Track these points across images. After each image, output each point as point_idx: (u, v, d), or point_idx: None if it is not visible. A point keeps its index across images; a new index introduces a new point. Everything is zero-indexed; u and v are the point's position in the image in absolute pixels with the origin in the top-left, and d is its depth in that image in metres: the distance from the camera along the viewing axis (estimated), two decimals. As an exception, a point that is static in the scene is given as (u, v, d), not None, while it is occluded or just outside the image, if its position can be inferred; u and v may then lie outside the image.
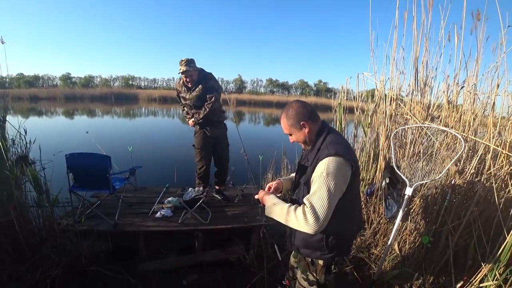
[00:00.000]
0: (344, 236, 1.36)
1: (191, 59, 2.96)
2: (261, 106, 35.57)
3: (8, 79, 5.81)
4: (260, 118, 20.72)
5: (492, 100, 2.21)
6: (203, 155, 3.19)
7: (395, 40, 2.73)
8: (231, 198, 3.36)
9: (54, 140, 7.47)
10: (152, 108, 26.96)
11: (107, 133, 10.37)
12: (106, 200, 2.91)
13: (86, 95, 38.22)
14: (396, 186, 2.38)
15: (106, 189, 2.63)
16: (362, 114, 3.11)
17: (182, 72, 2.93)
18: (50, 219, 2.43)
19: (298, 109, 1.31)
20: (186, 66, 2.90)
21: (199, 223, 2.69)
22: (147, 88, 77.93)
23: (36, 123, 12.44)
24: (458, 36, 2.39)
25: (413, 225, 2.49)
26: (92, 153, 2.59)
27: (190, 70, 2.93)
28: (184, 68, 2.90)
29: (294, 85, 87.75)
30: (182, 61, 2.92)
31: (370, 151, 2.98)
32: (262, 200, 1.37)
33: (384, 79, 2.89)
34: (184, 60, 2.92)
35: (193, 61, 2.97)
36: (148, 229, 2.59)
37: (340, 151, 1.18)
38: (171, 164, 4.46)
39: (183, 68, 2.90)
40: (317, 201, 1.11)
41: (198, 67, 3.03)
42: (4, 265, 2.07)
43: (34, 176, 2.40)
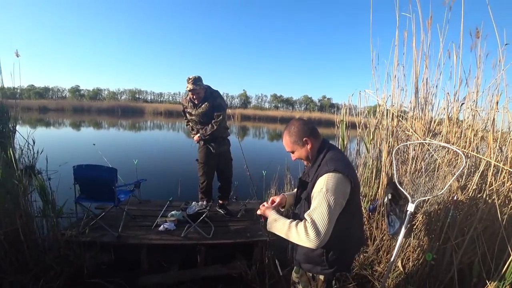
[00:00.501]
0: (345, 251, 1.37)
1: (198, 77, 3.04)
2: (265, 121, 35.81)
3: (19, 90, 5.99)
4: (264, 133, 20.83)
5: (492, 116, 2.23)
6: (205, 170, 3.23)
7: (396, 58, 2.80)
8: (234, 213, 3.38)
9: (60, 151, 7.60)
10: (157, 121, 27.30)
11: (113, 145, 10.50)
12: (111, 212, 2.94)
13: (94, 108, 38.98)
14: (399, 202, 2.38)
15: (111, 201, 2.67)
16: (365, 130, 3.15)
17: (189, 90, 3.01)
18: (55, 230, 2.46)
19: (300, 126, 1.36)
20: (193, 84, 2.98)
21: (202, 238, 2.70)
22: (153, 102, 79.12)
23: (44, 133, 12.67)
24: (456, 54, 2.45)
25: (416, 242, 2.47)
26: (99, 165, 2.65)
27: (197, 89, 3.01)
28: (191, 87, 2.98)
29: (298, 101, 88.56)
30: (190, 79, 3.00)
31: (373, 167, 2.99)
32: (264, 215, 1.40)
33: (386, 96, 2.95)
34: (191, 78, 2.99)
35: (200, 79, 3.05)
36: (151, 242, 2.61)
37: (339, 168, 1.22)
38: (175, 178, 4.50)
39: (190, 86, 2.98)
40: (317, 217, 1.14)
41: (205, 85, 3.11)
42: (6, 274, 2.09)
43: (41, 186, 2.46)
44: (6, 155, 2.66)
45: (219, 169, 3.34)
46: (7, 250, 2.14)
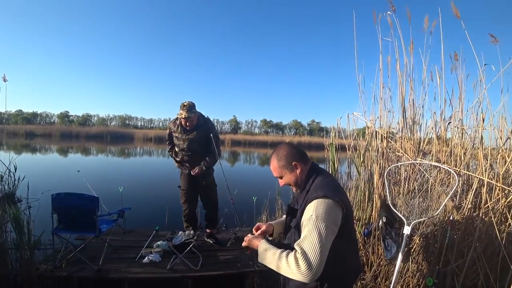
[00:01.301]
0: (342, 281, 1.26)
1: (193, 104, 3.01)
2: (255, 147, 35.93)
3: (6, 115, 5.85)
4: (255, 158, 20.78)
5: (480, 133, 2.25)
6: (187, 197, 3.14)
7: (381, 81, 2.87)
8: (224, 241, 3.22)
9: (45, 178, 7.32)
10: (147, 147, 26.97)
11: (99, 172, 10.19)
12: (91, 243, 2.75)
13: (82, 133, 38.58)
14: (394, 225, 2.31)
15: (92, 231, 2.49)
16: (355, 152, 3.14)
17: (184, 117, 2.94)
18: (28, 264, 2.28)
19: (289, 150, 1.31)
20: (188, 112, 2.93)
21: (189, 269, 2.53)
22: (143, 128, 78.87)
23: (28, 160, 12.29)
24: (439, 76, 2.53)
25: (415, 266, 2.37)
26: (80, 194, 2.50)
27: (192, 116, 2.97)
28: (186, 114, 2.92)
29: (288, 125, 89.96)
30: (184, 106, 2.95)
31: (365, 190, 2.95)
32: (250, 245, 1.30)
33: (374, 118, 2.98)
34: (186, 105, 2.95)
35: (194, 106, 3.03)
36: (134, 275, 2.42)
37: (329, 193, 1.15)
38: (163, 206, 4.33)
39: (185, 113, 2.92)
40: (308, 246, 1.05)
41: (198, 112, 3.08)
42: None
43: (16, 216, 2.31)
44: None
45: (203, 197, 3.24)
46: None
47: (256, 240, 1.27)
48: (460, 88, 2.49)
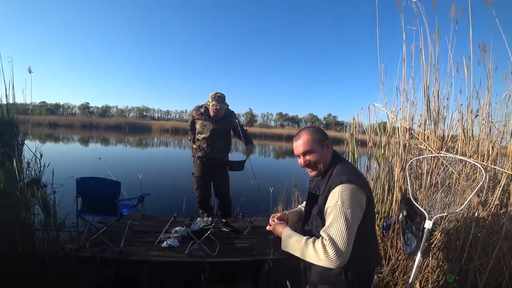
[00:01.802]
0: (364, 268, 1.26)
1: (224, 96, 3.09)
2: (271, 139, 35.82)
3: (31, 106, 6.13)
4: (270, 151, 20.76)
5: (510, 128, 2.15)
6: (200, 183, 3.19)
7: (404, 72, 2.77)
8: (240, 230, 3.27)
9: (67, 165, 7.61)
10: (164, 138, 27.50)
11: (119, 160, 10.54)
12: (113, 226, 2.85)
13: (102, 124, 39.74)
14: (414, 219, 2.26)
15: (113, 215, 2.59)
16: (374, 147, 3.07)
17: (215, 108, 2.99)
18: (55, 244, 2.39)
19: (320, 129, 1.31)
20: (220, 102, 3.01)
21: (207, 255, 2.59)
22: (160, 119, 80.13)
23: (52, 148, 12.83)
24: (467, 66, 2.41)
25: (435, 262, 2.31)
26: (103, 178, 2.59)
27: (223, 108, 3.05)
28: (218, 106, 2.99)
29: (303, 119, 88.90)
30: (216, 96, 3.02)
31: (385, 183, 2.88)
32: (274, 231, 1.31)
33: (396, 109, 2.88)
34: (218, 95, 3.03)
35: (225, 98, 3.10)
36: (153, 259, 2.50)
37: (352, 178, 1.14)
38: (180, 194, 4.42)
39: (217, 104, 2.99)
40: (335, 233, 1.05)
41: (227, 104, 3.14)
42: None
43: (44, 198, 2.41)
44: (11, 167, 2.64)
45: (214, 185, 3.29)
46: (4, 264, 2.06)
47: (280, 226, 1.28)
48: (489, 80, 2.37)
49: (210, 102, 3.03)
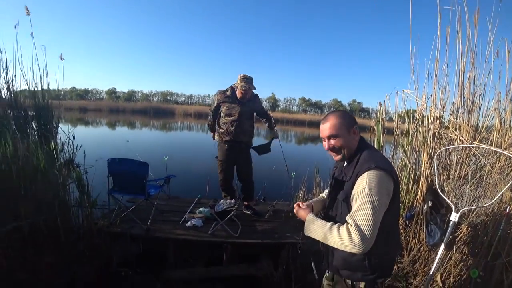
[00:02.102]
0: (388, 255, 1.27)
1: (252, 78, 3.12)
2: (293, 125, 35.48)
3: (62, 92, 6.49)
4: (292, 136, 20.63)
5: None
6: (224, 167, 3.26)
7: (437, 56, 2.61)
8: (262, 213, 3.34)
9: (97, 147, 8.02)
10: (187, 122, 28.07)
11: (145, 143, 10.95)
12: (141, 205, 3.02)
13: (128, 109, 41.11)
14: (440, 211, 2.20)
15: (141, 194, 2.73)
16: (401, 135, 2.96)
17: (244, 88, 3.04)
18: (89, 219, 2.57)
19: (349, 114, 1.29)
20: (249, 84, 3.06)
21: (229, 236, 2.68)
22: (183, 104, 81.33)
23: (83, 131, 13.51)
24: (509, 51, 2.23)
25: (459, 256, 2.25)
26: (132, 159, 2.73)
27: (252, 89, 3.10)
28: (247, 86, 3.04)
29: (327, 104, 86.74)
30: (245, 77, 3.07)
31: (411, 173, 2.80)
32: (298, 216, 1.34)
33: (426, 96, 2.75)
34: (247, 77, 3.07)
35: (252, 79, 3.13)
36: (178, 237, 2.63)
37: (381, 164, 1.13)
38: (204, 177, 4.55)
39: (246, 85, 3.04)
40: (361, 219, 1.06)
41: (254, 87, 3.16)
42: (45, 258, 2.20)
43: (79, 178, 2.59)
44: (49, 148, 2.84)
45: (238, 168, 3.34)
46: (45, 235, 2.26)
47: (303, 211, 1.31)
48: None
49: (238, 84, 3.07)
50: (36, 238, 2.23)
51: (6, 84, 4.57)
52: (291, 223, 3.12)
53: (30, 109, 5.19)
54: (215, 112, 3.32)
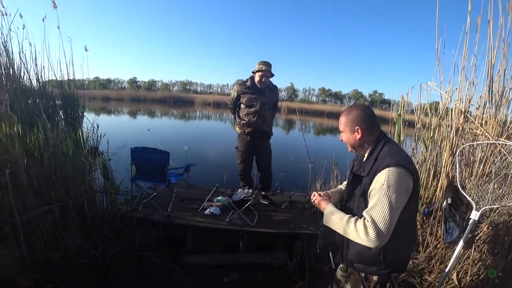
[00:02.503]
0: (403, 250, 1.28)
1: (271, 64, 3.10)
2: (311, 115, 35.02)
3: (86, 81, 6.76)
4: (310, 127, 20.43)
5: None
6: (244, 157, 3.27)
7: (466, 47, 2.48)
8: (278, 203, 3.38)
9: (119, 135, 8.32)
10: (206, 112, 28.40)
11: (165, 132, 11.24)
12: (161, 193, 3.14)
13: (149, 98, 42.05)
14: (459, 208, 2.15)
15: (163, 182, 2.84)
16: (423, 129, 2.88)
17: (263, 70, 3.02)
18: (113, 204, 2.71)
19: (360, 112, 1.28)
20: (267, 66, 3.04)
21: (245, 224, 2.75)
22: (202, 93, 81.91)
23: (106, 120, 14.02)
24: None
25: (477, 255, 2.20)
26: (154, 148, 2.84)
27: (269, 73, 3.08)
28: (265, 67, 3.03)
29: (347, 95, 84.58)
30: (265, 63, 3.04)
31: (431, 168, 2.73)
32: (318, 206, 1.37)
33: (451, 89, 2.65)
34: (266, 63, 3.05)
35: (271, 65, 3.10)
36: (197, 224, 2.73)
37: (400, 161, 1.13)
38: (222, 166, 4.64)
39: (264, 66, 3.02)
40: (378, 215, 1.07)
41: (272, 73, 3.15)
42: (73, 239, 2.36)
43: (104, 164, 2.72)
44: (76, 136, 3.00)
45: (257, 159, 3.37)
46: (74, 217, 2.42)
47: (323, 202, 1.34)
48: None
49: (257, 68, 3.06)
50: (66, 220, 2.39)
51: (35, 75, 4.81)
52: (306, 214, 3.15)
53: (58, 98, 5.47)
54: (234, 104, 3.31)
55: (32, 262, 2.06)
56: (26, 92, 4.40)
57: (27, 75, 4.60)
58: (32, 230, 2.12)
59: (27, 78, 4.63)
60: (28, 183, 2.13)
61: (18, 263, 1.99)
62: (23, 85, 4.56)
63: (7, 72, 4.07)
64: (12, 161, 2.08)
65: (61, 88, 5.46)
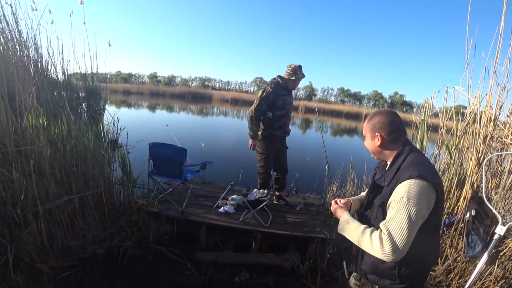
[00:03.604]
0: (420, 267, 1.21)
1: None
2: (329, 115, 34.54)
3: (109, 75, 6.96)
4: (327, 127, 20.15)
5: None
6: (268, 160, 3.18)
7: (499, 49, 2.34)
8: (293, 205, 3.35)
9: (138, 129, 8.53)
10: (224, 108, 28.63)
11: (183, 127, 11.44)
12: (177, 188, 3.18)
13: (168, 93, 42.97)
14: (484, 221, 2.05)
15: (179, 178, 2.88)
16: (447, 134, 2.75)
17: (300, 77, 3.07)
18: (130, 197, 2.77)
19: (383, 118, 1.23)
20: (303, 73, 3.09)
21: (259, 225, 2.74)
22: (221, 90, 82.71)
23: (126, 113, 14.38)
24: None
25: (500, 272, 2.08)
26: (171, 145, 2.87)
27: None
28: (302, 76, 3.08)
29: (367, 96, 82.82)
30: (300, 67, 3.08)
31: (454, 176, 2.61)
32: (335, 213, 1.33)
33: (480, 95, 2.51)
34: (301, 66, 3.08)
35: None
36: (211, 221, 2.75)
37: (423, 173, 1.06)
38: (238, 164, 4.64)
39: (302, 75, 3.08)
40: (395, 229, 1.02)
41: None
42: (90, 229, 2.44)
43: (123, 158, 2.79)
44: (97, 129, 3.08)
45: (277, 159, 3.32)
46: (92, 208, 2.49)
47: (340, 210, 1.29)
48: None
49: (289, 72, 3.06)
50: (85, 211, 2.47)
51: (62, 68, 4.99)
52: (321, 217, 3.10)
53: (81, 91, 5.66)
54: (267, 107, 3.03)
55: (51, 249, 2.15)
56: (52, 85, 4.56)
57: (53, 69, 4.78)
58: (53, 218, 2.21)
59: (53, 71, 4.80)
60: (50, 173, 2.20)
61: (38, 250, 2.07)
62: (50, 77, 4.73)
63: (35, 65, 4.23)
64: (36, 151, 2.16)
65: (85, 81, 5.64)
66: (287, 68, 3.10)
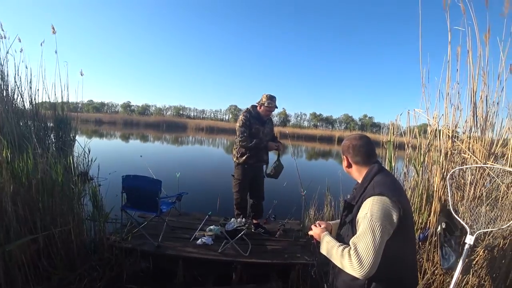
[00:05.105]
0: (393, 285, 1.21)
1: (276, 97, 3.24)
2: (303, 140, 35.39)
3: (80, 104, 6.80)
4: (302, 152, 20.54)
5: None
6: (242, 186, 3.25)
7: (448, 75, 2.61)
8: (272, 232, 3.32)
9: (111, 160, 8.21)
10: (199, 137, 28.42)
11: (158, 157, 11.11)
12: (152, 221, 3.06)
13: (142, 122, 42.13)
14: (454, 233, 2.14)
15: (154, 211, 2.78)
16: (413, 151, 2.93)
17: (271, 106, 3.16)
18: (101, 233, 2.62)
19: (353, 142, 1.33)
20: (274, 102, 3.19)
21: (239, 255, 2.68)
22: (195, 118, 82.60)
23: (97, 143, 13.84)
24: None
25: (476, 280, 2.16)
26: (146, 176, 2.79)
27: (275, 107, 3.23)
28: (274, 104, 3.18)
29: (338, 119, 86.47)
30: (273, 97, 3.18)
31: (423, 192, 2.74)
32: (316, 237, 1.37)
33: (438, 115, 2.73)
34: (274, 98, 3.19)
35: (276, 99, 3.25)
36: (188, 254, 2.64)
37: (385, 191, 1.14)
38: (215, 193, 4.57)
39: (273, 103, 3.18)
40: (361, 244, 1.07)
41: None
42: (56, 270, 2.24)
43: (94, 191, 2.66)
44: (66, 161, 2.94)
45: (252, 186, 3.34)
46: (59, 247, 2.31)
47: (318, 229, 1.36)
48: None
49: (264, 101, 3.15)
50: (51, 250, 2.28)
51: (29, 97, 4.83)
52: (301, 242, 3.08)
53: (50, 121, 5.43)
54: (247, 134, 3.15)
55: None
56: (18, 114, 4.36)
57: (20, 98, 4.60)
58: (13, 260, 2.01)
59: (20, 100, 4.63)
60: (12, 210, 2.04)
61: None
62: (16, 107, 4.54)
63: (0, 94, 4.06)
64: (-2, 187, 2.01)
65: (54, 110, 5.45)
66: (262, 97, 3.23)
